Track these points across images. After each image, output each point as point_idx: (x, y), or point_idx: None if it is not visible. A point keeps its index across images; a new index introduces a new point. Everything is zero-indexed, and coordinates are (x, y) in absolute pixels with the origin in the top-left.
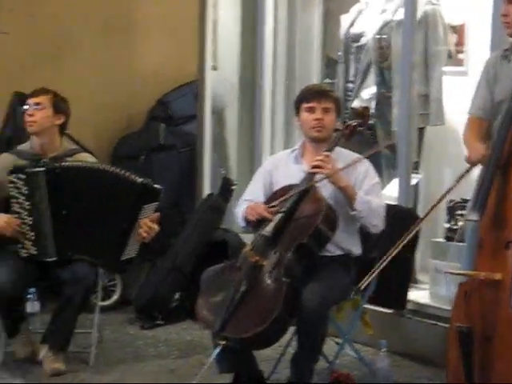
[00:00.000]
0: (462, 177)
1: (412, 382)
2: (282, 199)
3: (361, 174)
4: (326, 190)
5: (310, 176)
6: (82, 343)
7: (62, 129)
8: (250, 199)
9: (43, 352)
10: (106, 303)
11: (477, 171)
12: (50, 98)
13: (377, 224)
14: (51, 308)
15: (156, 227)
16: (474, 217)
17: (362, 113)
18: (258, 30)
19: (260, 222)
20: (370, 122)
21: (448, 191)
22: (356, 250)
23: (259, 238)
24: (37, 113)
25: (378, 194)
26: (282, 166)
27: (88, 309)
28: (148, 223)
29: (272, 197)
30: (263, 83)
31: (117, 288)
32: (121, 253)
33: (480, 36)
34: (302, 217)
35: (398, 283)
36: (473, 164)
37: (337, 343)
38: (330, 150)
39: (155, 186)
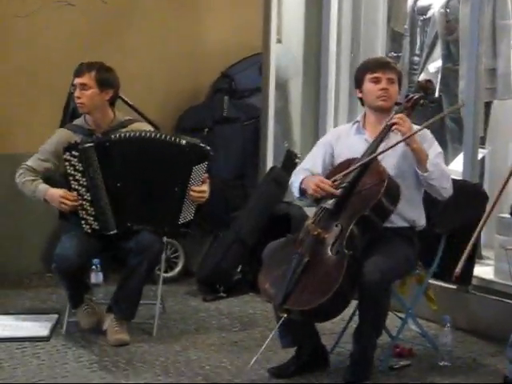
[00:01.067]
0: None
1: (475, 359)
2: (344, 173)
3: (427, 140)
4: (388, 161)
5: (373, 147)
6: (145, 314)
7: (113, 100)
8: (307, 168)
9: (108, 322)
10: (169, 275)
11: None
12: (94, 76)
13: (447, 187)
14: (114, 279)
15: (206, 188)
16: None
17: (426, 86)
18: (324, 2)
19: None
20: (433, 95)
21: None
22: (420, 221)
23: (321, 211)
24: (83, 94)
25: (443, 162)
26: (343, 138)
27: (151, 280)
28: (195, 188)
29: (334, 170)
30: (328, 56)
31: (179, 260)
32: (177, 217)
33: None
34: (364, 189)
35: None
36: None
37: (400, 318)
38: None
39: (202, 145)
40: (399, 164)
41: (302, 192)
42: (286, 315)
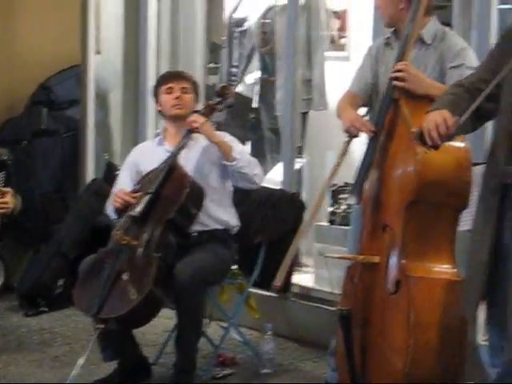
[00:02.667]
0: (344, 152)
1: (297, 365)
2: (144, 182)
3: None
4: (190, 166)
5: (174, 155)
6: None
7: None
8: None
9: None
10: None
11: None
12: None
13: (258, 173)
14: None
15: (7, 199)
16: (352, 200)
17: (222, 92)
18: (141, 13)
19: (128, 207)
20: (230, 99)
21: (335, 169)
22: (233, 221)
23: (128, 219)
24: None
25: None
26: (147, 153)
27: None
28: None
29: (138, 182)
30: (146, 68)
31: None
32: None
33: (362, 22)
34: (168, 194)
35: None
36: (349, 132)
37: (222, 327)
38: (207, 113)
39: None
40: (201, 168)
41: (117, 211)
42: (102, 326)
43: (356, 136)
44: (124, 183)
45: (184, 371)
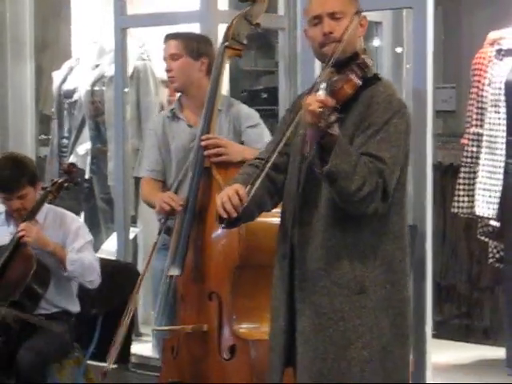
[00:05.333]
0: (161, 230)
1: None
2: None
3: (72, 232)
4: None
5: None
6: None
7: None
8: None
9: None
10: None
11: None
12: None
13: (93, 280)
14: None
15: None
16: (176, 272)
17: (69, 169)
18: None
19: None
20: (77, 177)
21: (153, 248)
22: (73, 308)
23: None
24: None
25: (91, 250)
26: None
27: None
28: None
29: None
30: None
31: None
32: None
33: None
34: (13, 275)
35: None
36: (166, 213)
37: None
38: (35, 211)
39: None
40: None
41: None
42: None
43: (171, 213)
44: None
45: None
